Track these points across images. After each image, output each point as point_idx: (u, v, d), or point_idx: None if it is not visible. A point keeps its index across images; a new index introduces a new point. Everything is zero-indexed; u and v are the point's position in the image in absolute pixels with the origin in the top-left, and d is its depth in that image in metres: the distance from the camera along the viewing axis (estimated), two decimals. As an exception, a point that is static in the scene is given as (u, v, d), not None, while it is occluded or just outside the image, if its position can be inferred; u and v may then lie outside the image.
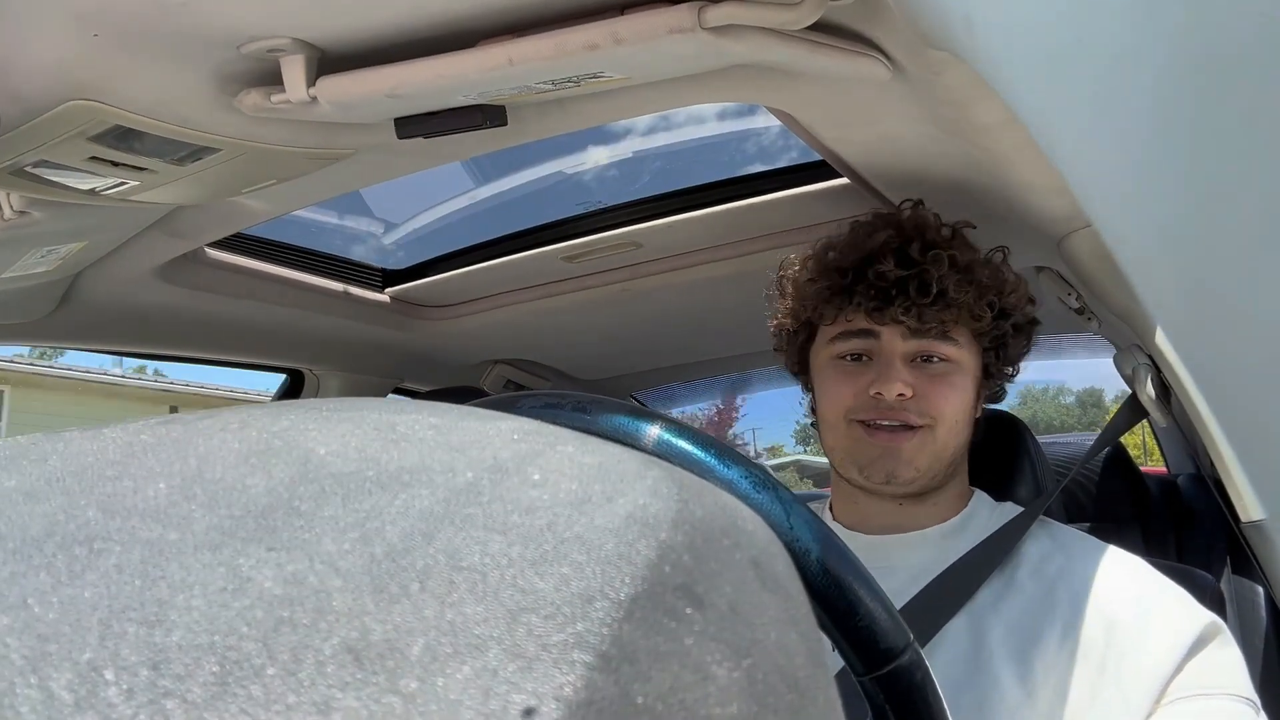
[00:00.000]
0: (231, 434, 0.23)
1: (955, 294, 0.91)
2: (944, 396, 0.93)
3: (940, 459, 0.93)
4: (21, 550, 0.18)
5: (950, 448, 0.93)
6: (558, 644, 0.17)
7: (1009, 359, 0.99)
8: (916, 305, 0.92)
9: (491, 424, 0.25)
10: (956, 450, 0.95)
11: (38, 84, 0.75)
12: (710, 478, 0.39)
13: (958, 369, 0.95)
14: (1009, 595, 0.87)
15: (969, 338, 0.96)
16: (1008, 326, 0.97)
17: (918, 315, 0.92)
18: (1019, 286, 0.98)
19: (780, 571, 0.24)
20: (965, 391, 0.95)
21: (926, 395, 0.92)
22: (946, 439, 0.93)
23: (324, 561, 0.18)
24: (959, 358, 0.95)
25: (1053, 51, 0.34)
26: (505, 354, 2.07)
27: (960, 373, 0.95)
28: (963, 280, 0.92)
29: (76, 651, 0.16)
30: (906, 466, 0.91)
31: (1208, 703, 0.75)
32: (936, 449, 0.92)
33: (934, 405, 0.92)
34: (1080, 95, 0.33)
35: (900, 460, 0.91)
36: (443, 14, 0.74)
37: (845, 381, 0.95)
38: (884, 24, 0.76)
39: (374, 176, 1.11)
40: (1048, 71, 0.35)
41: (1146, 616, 0.81)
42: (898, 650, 0.38)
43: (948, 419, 0.92)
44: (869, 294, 0.93)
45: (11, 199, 0.96)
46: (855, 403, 0.94)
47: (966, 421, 0.95)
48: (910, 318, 0.92)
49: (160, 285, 1.32)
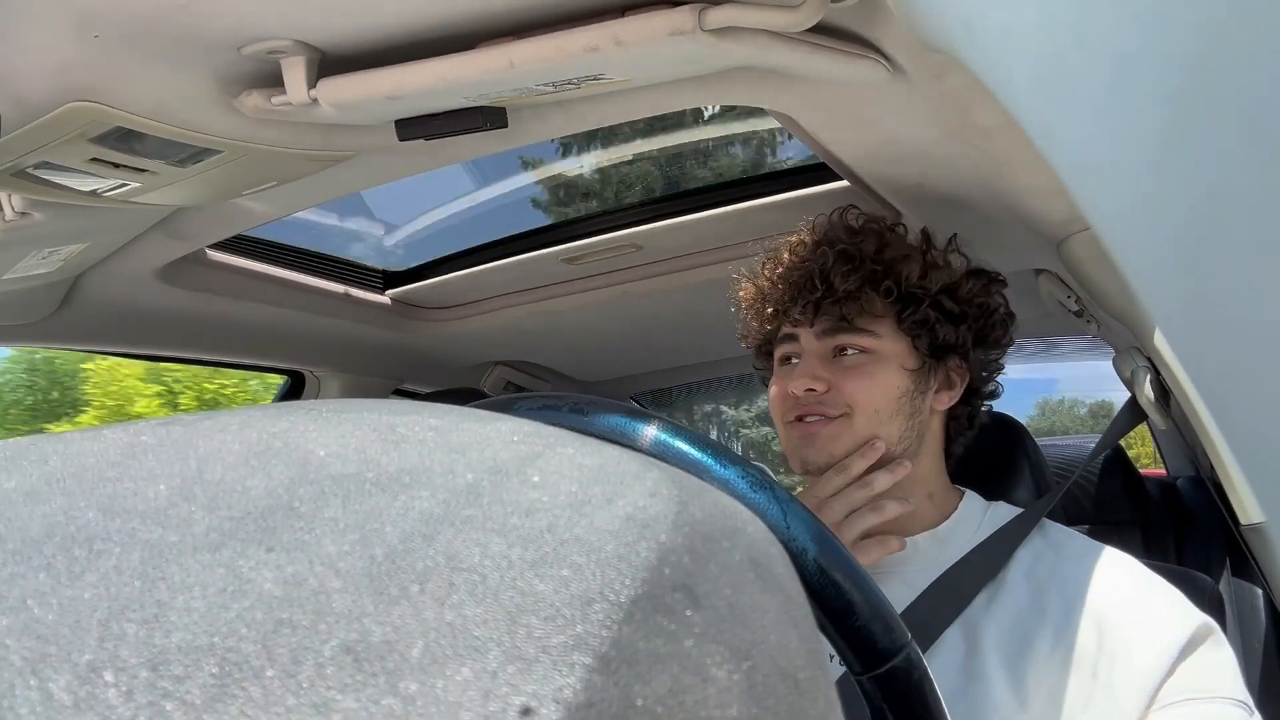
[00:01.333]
0: (231, 435, 0.23)
1: (841, 284, 0.94)
2: (856, 385, 0.94)
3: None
4: (21, 551, 0.18)
5: (877, 436, 0.94)
6: (557, 646, 0.17)
7: (944, 344, 0.97)
8: (811, 302, 0.96)
9: (491, 426, 0.25)
10: (889, 440, 0.94)
11: (39, 85, 0.75)
12: (706, 477, 0.39)
13: (875, 359, 0.95)
14: (1001, 597, 0.87)
15: (890, 327, 0.96)
16: (926, 311, 0.96)
17: (814, 310, 0.96)
18: (931, 271, 0.98)
19: (780, 573, 0.24)
20: (886, 380, 0.95)
21: (839, 386, 0.94)
22: (868, 428, 0.93)
23: (324, 563, 0.18)
24: (877, 347, 0.96)
25: (1052, 54, 0.34)
26: (505, 356, 2.07)
27: (878, 362, 0.95)
28: (850, 270, 0.95)
29: (76, 653, 0.16)
30: (820, 452, 0.94)
31: (1201, 707, 0.75)
32: (856, 436, 0.93)
33: (848, 395, 0.94)
34: (1079, 98, 0.33)
35: (814, 446, 0.94)
36: (443, 16, 0.74)
37: (777, 384, 1.00)
38: (884, 26, 0.76)
39: (375, 178, 1.11)
40: (1047, 74, 0.35)
41: (1138, 618, 0.80)
42: (895, 649, 0.38)
43: (864, 407, 0.93)
44: (783, 300, 0.99)
45: (13, 200, 0.96)
46: (784, 404, 0.98)
47: (896, 410, 0.94)
48: (807, 315, 0.96)
49: (161, 287, 1.32)
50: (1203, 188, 0.26)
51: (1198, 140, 0.25)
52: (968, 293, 0.99)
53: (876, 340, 0.96)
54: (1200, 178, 0.26)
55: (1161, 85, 0.26)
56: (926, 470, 0.98)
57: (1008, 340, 1.03)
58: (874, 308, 0.95)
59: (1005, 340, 1.03)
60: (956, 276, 0.99)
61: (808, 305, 0.96)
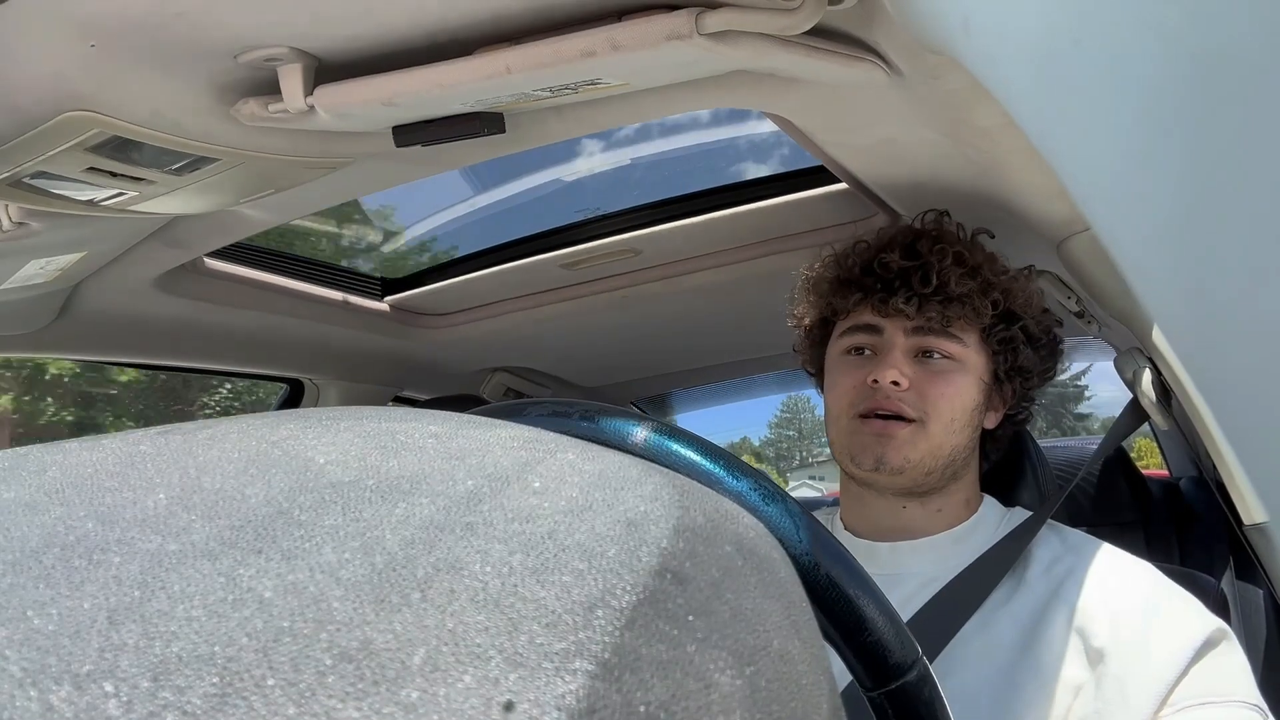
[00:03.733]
0: (230, 443, 0.23)
1: (956, 287, 0.93)
2: (940, 393, 0.93)
3: (935, 456, 0.93)
4: (20, 562, 0.18)
5: (947, 447, 0.93)
6: (559, 652, 0.17)
7: (1019, 367, 0.98)
8: (918, 296, 0.93)
9: (491, 432, 0.25)
10: (956, 451, 0.94)
11: (35, 95, 0.75)
12: (718, 489, 0.38)
13: (959, 367, 0.95)
14: (1019, 594, 0.88)
15: (976, 339, 0.96)
16: (1016, 331, 0.97)
17: (918, 306, 0.93)
18: (1030, 295, 0.99)
19: (782, 577, 0.24)
20: (966, 391, 0.95)
21: (923, 389, 0.93)
22: (942, 437, 0.93)
23: (324, 571, 0.18)
24: (962, 356, 0.95)
25: (1051, 54, 0.34)
26: (505, 362, 2.07)
27: (962, 371, 0.95)
28: (965, 274, 0.94)
29: (76, 663, 0.15)
30: (895, 453, 0.92)
31: (1216, 710, 0.75)
32: (930, 445, 0.92)
33: (929, 400, 0.92)
34: (1078, 98, 0.33)
35: (889, 446, 0.92)
36: (440, 22, 0.74)
37: (848, 374, 0.97)
38: (882, 28, 0.76)
39: (372, 185, 1.11)
40: (1045, 75, 0.35)
41: (1153, 619, 0.81)
42: (906, 665, 0.38)
43: (943, 415, 0.93)
44: (874, 286, 0.96)
45: (10, 210, 0.96)
46: (855, 395, 0.95)
47: (967, 422, 0.95)
48: (910, 307, 0.93)
49: (159, 295, 1.32)
50: (1203, 187, 0.26)
51: (1197, 140, 0.25)
52: (1047, 324, 1.01)
53: (963, 349, 0.95)
54: (1200, 177, 0.26)
55: (1160, 85, 0.26)
56: (969, 480, 0.99)
57: (1054, 374, 1.05)
58: (973, 317, 0.95)
59: (1053, 374, 1.05)
60: (1042, 306, 1.01)
61: (913, 298, 0.93)
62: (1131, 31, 0.27)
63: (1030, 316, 0.98)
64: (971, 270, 0.94)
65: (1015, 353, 0.97)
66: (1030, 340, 0.99)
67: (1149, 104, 0.27)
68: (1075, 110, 0.33)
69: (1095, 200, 0.34)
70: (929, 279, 0.93)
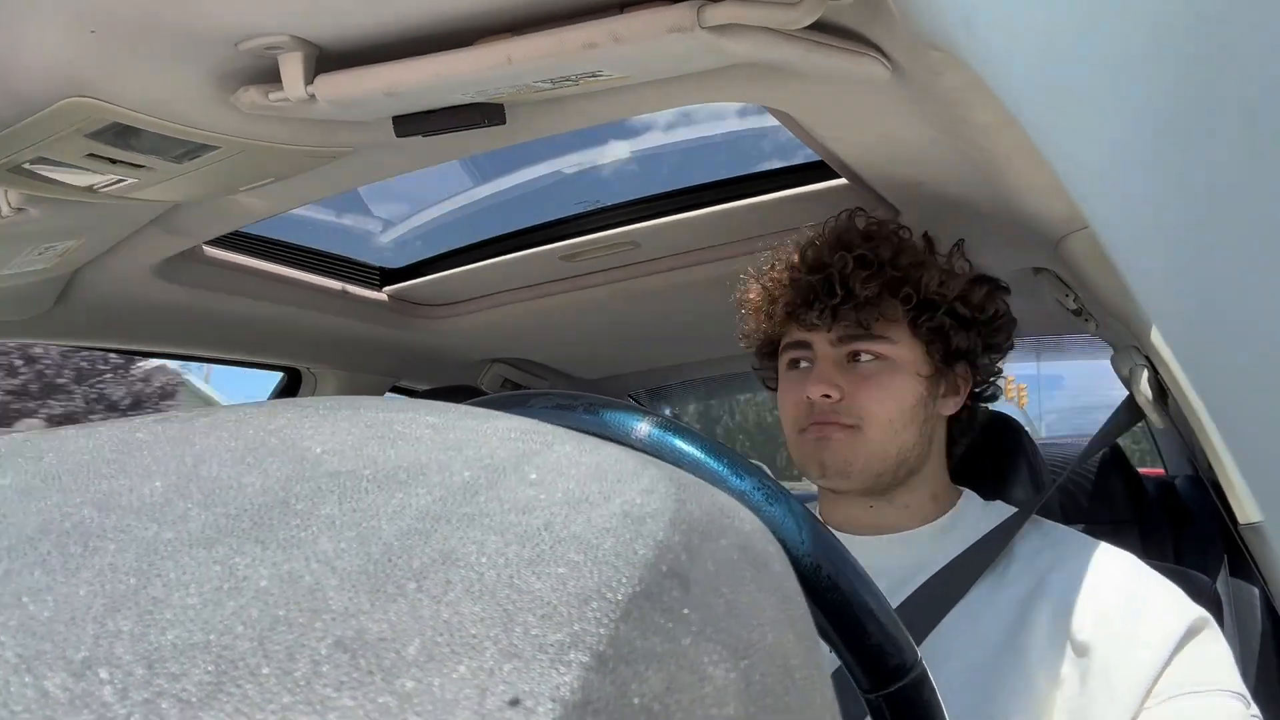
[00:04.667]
0: (228, 432, 0.23)
1: (860, 290, 0.93)
2: (871, 396, 0.93)
3: (881, 459, 0.93)
4: (16, 547, 0.18)
5: (892, 448, 0.93)
6: (554, 644, 0.17)
7: (958, 350, 0.97)
8: (829, 307, 0.94)
9: (488, 423, 0.25)
10: (905, 450, 0.94)
11: (35, 81, 0.75)
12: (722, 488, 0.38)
13: (891, 367, 0.95)
14: (1002, 589, 0.88)
15: (906, 333, 0.96)
16: (941, 318, 0.96)
17: (832, 315, 0.94)
18: (948, 278, 0.98)
19: (777, 571, 0.24)
20: (901, 389, 0.94)
21: (854, 395, 0.93)
22: (882, 439, 0.93)
23: (320, 560, 0.18)
24: (893, 354, 0.95)
25: (1050, 52, 0.34)
26: (503, 353, 2.07)
27: (893, 370, 0.95)
28: (869, 277, 0.94)
29: (71, 650, 0.16)
30: (833, 455, 0.93)
31: (1200, 700, 0.75)
32: (870, 449, 0.93)
33: (861, 405, 0.93)
34: (1077, 97, 0.33)
35: (826, 449, 0.93)
36: (441, 12, 0.74)
37: (790, 391, 0.99)
38: (883, 24, 0.76)
39: (372, 174, 1.11)
40: (1045, 72, 0.35)
41: (1136, 609, 0.81)
42: (907, 668, 0.38)
43: (878, 418, 0.93)
44: (796, 302, 0.97)
45: (9, 196, 0.96)
46: (797, 411, 0.96)
47: (909, 420, 0.94)
48: (824, 320, 0.95)
49: (158, 283, 1.31)
50: (1201, 186, 0.26)
51: (1195, 139, 0.25)
52: (978, 299, 0.99)
53: (892, 347, 0.95)
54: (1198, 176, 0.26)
55: (1159, 84, 0.26)
56: (932, 472, 0.99)
57: (1009, 345, 1.04)
58: (892, 314, 0.95)
59: (1007, 345, 1.04)
60: (967, 283, 0.99)
61: (825, 310, 0.94)
62: (1130, 32, 0.27)
63: (954, 299, 0.97)
64: (876, 270, 0.94)
65: (947, 339, 0.96)
66: (962, 322, 0.97)
67: (1147, 103, 0.27)
68: (1074, 109, 0.33)
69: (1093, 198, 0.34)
70: (833, 289, 0.94)
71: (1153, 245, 0.31)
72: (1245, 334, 0.27)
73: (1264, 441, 0.29)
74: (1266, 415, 0.28)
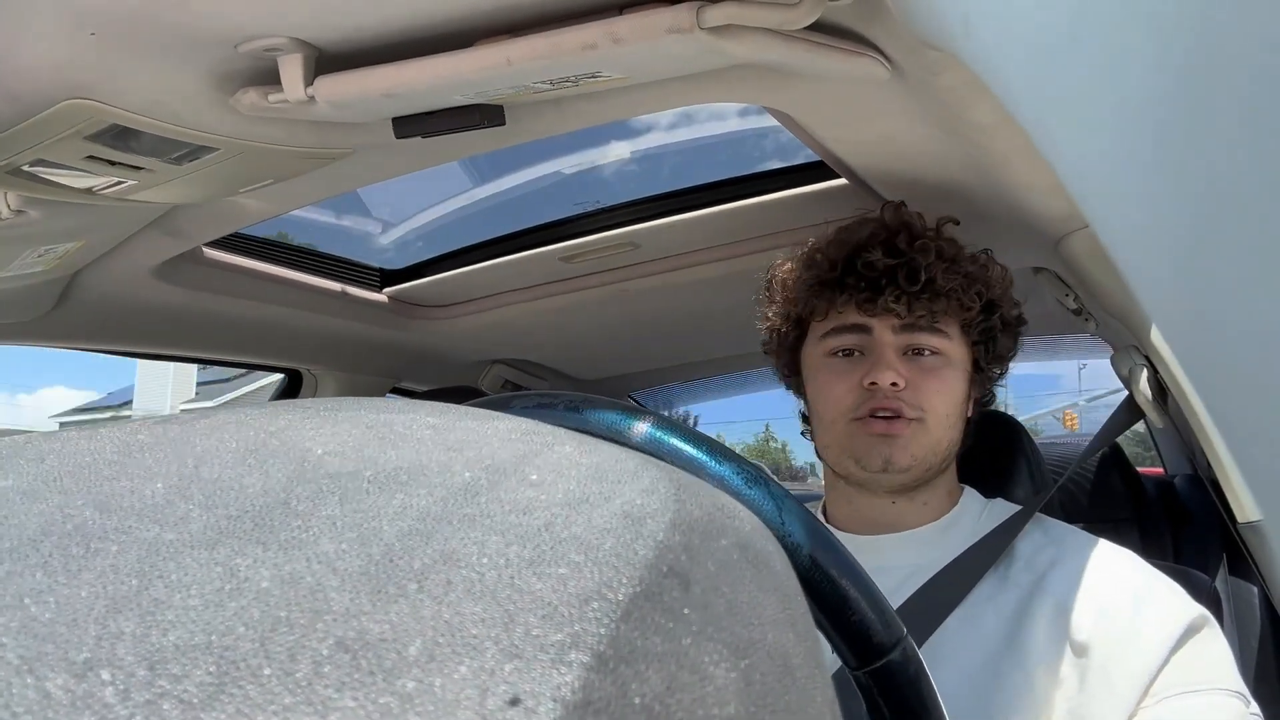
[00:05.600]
0: (229, 433, 0.23)
1: (943, 282, 0.92)
2: (934, 389, 0.93)
3: (934, 452, 0.93)
4: (18, 549, 0.18)
5: (944, 442, 0.94)
6: (555, 644, 0.17)
7: (997, 355, 0.99)
8: (906, 294, 0.92)
9: (489, 424, 0.25)
10: (950, 445, 0.95)
11: (34, 83, 0.75)
12: (701, 474, 0.39)
13: (948, 363, 0.95)
14: (1003, 587, 0.88)
15: (958, 331, 0.96)
16: (996, 320, 0.97)
17: (907, 304, 0.92)
18: (1005, 281, 0.99)
19: (777, 570, 0.24)
20: (956, 385, 0.95)
21: (918, 387, 0.92)
22: (939, 433, 0.93)
23: (321, 561, 0.18)
24: (949, 350, 0.95)
25: (1049, 52, 0.34)
26: (503, 354, 2.07)
27: (950, 366, 0.95)
28: (950, 269, 0.93)
29: (73, 651, 0.16)
30: (901, 453, 0.91)
31: (1200, 698, 0.75)
32: (930, 441, 0.93)
33: (925, 398, 0.92)
34: (1077, 96, 0.33)
35: (895, 446, 0.91)
36: (441, 14, 0.74)
37: (840, 379, 0.95)
38: (882, 24, 0.76)
39: (371, 176, 1.11)
40: (1044, 72, 0.35)
41: (1137, 606, 0.81)
42: (891, 644, 0.38)
43: (939, 412, 0.93)
44: (859, 285, 0.94)
45: (9, 198, 0.96)
46: (852, 398, 0.94)
47: (958, 416, 0.95)
48: (900, 306, 0.92)
49: (158, 285, 1.31)
50: (1201, 185, 0.26)
51: (1196, 138, 0.25)
52: (1017, 305, 1.01)
53: (950, 343, 0.95)
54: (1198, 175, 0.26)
55: (1159, 83, 0.26)
56: (952, 471, 0.99)
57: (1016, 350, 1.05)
58: (956, 310, 0.94)
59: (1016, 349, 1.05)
60: (1011, 288, 1.00)
61: (901, 296, 0.92)
62: (1129, 29, 0.27)
63: (1006, 304, 0.99)
64: (953, 263, 0.94)
65: (995, 341, 0.98)
66: (1005, 326, 0.99)
67: (1147, 102, 0.27)
68: (1073, 108, 0.33)
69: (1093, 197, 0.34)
70: (916, 276, 0.92)
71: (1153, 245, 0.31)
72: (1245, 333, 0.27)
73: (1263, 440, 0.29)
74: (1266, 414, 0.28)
